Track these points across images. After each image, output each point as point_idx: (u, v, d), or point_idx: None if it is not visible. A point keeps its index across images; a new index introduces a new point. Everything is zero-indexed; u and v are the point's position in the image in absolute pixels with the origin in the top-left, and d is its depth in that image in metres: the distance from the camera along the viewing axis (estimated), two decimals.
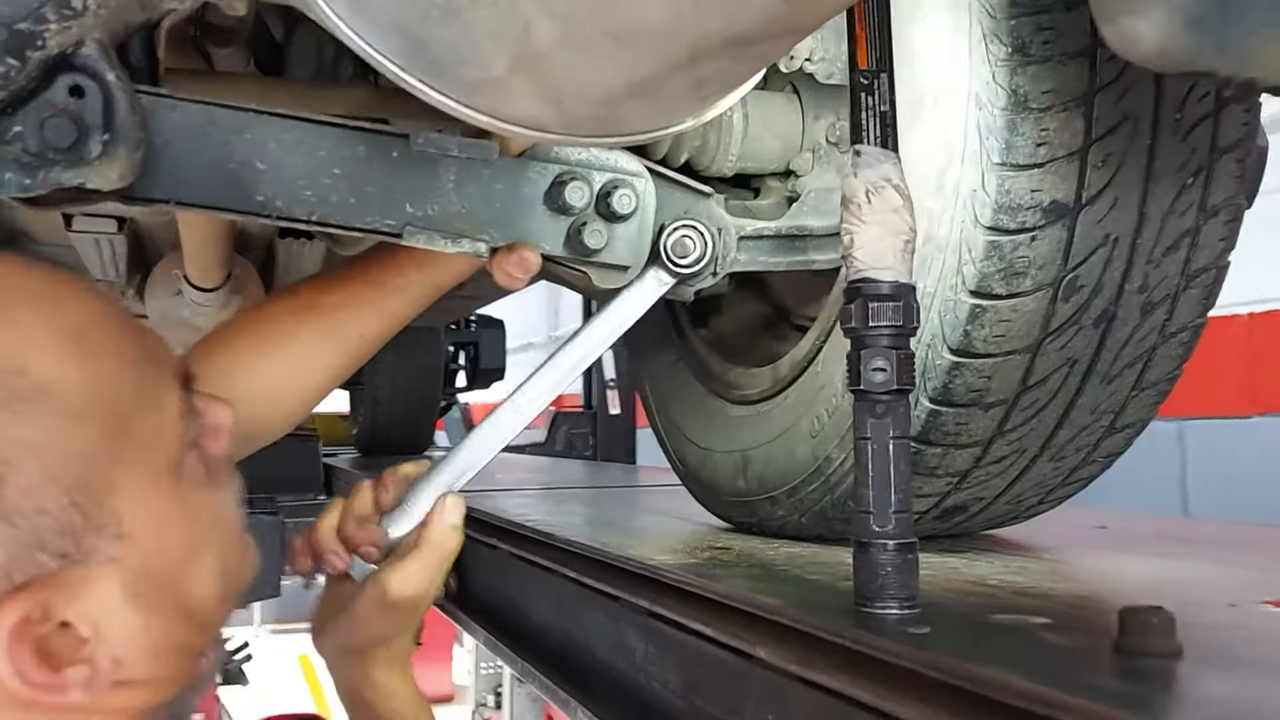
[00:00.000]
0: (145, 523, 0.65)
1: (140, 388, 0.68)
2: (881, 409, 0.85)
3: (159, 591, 0.66)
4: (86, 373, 0.64)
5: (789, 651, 0.86)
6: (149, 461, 0.67)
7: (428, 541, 0.94)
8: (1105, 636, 0.71)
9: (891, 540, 0.83)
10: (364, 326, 1.09)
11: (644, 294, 1.16)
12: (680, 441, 1.63)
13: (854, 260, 0.86)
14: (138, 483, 0.65)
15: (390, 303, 1.09)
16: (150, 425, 0.67)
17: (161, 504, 0.67)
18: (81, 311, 0.68)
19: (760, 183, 1.48)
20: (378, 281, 1.09)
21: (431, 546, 0.94)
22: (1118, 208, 1.01)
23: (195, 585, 0.69)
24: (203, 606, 0.70)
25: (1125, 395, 1.15)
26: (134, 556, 0.65)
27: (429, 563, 0.94)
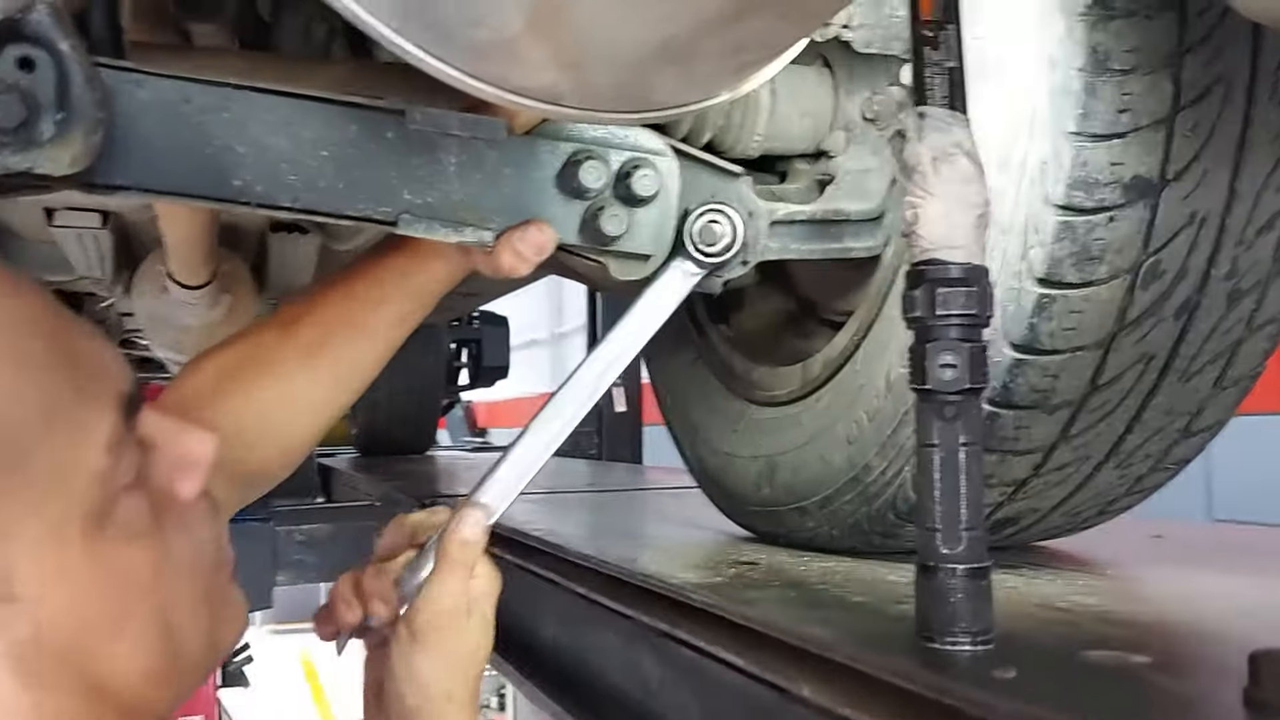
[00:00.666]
0: (43, 582, 0.52)
1: (48, 408, 0.53)
2: (951, 411, 0.73)
3: (58, 667, 0.53)
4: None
5: (840, 693, 0.75)
6: (53, 505, 0.52)
7: (440, 558, 0.83)
8: (1228, 681, 0.59)
9: (962, 564, 0.72)
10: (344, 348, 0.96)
11: (670, 291, 1.04)
12: (699, 445, 1.51)
13: (919, 239, 0.74)
14: (34, 531, 0.52)
15: (369, 318, 0.97)
16: (58, 458, 0.53)
17: (69, 559, 0.53)
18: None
19: (787, 165, 1.36)
20: (356, 294, 0.97)
21: (445, 563, 0.83)
22: (1206, 183, 0.90)
23: (116, 662, 0.55)
24: (128, 688, 0.56)
25: (1204, 395, 1.04)
26: (23, 623, 0.51)
27: (444, 581, 0.82)
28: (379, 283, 0.97)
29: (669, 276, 1.03)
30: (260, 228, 2.47)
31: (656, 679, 1.12)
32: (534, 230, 0.93)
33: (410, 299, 0.98)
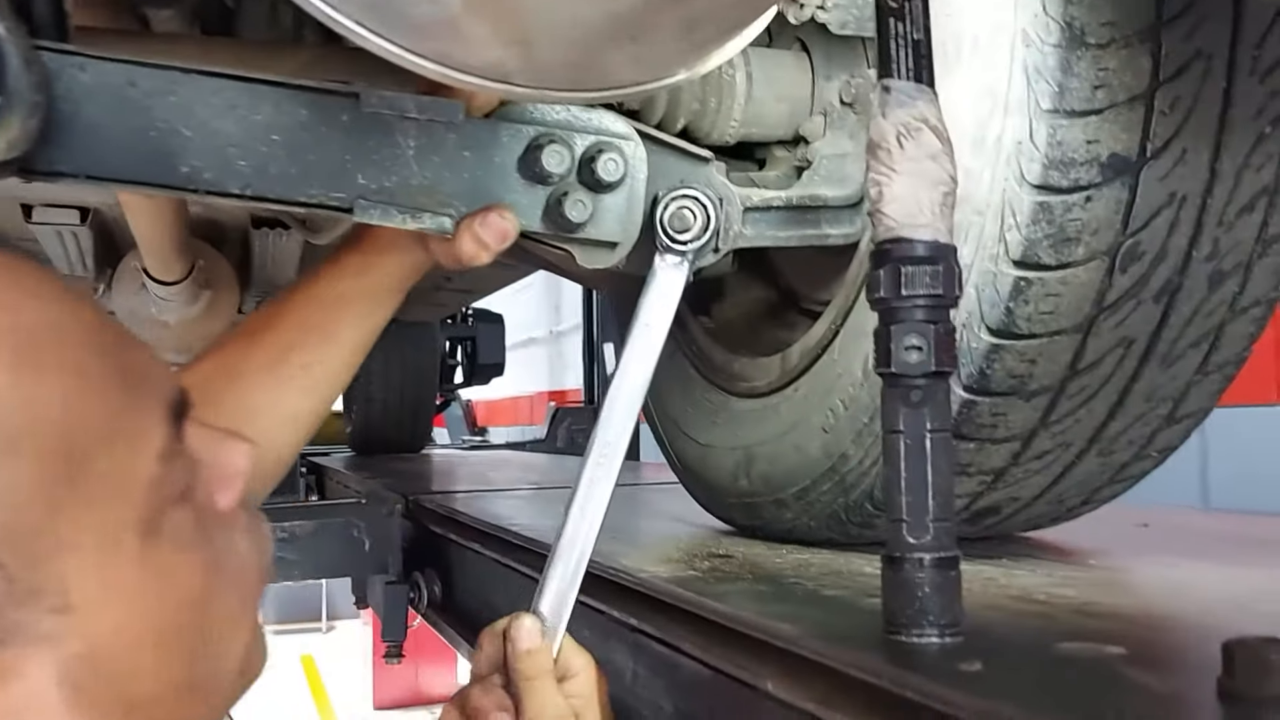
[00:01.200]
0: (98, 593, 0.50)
1: (106, 417, 0.51)
2: (917, 396, 0.70)
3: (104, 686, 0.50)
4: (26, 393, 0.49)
5: (805, 688, 0.72)
6: (110, 515, 0.51)
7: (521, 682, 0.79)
8: (1204, 673, 0.57)
9: (929, 554, 0.69)
10: (309, 354, 0.93)
11: (664, 295, 1.01)
12: (678, 438, 1.49)
13: (883, 217, 0.72)
14: (92, 542, 0.50)
15: (329, 321, 0.94)
16: (116, 467, 0.51)
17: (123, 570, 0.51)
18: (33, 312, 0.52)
19: (766, 153, 1.34)
20: (313, 296, 0.94)
21: (523, 684, 0.79)
22: (1186, 162, 0.87)
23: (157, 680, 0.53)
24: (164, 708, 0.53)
25: (1187, 380, 1.01)
26: (78, 637, 0.49)
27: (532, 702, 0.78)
28: (336, 283, 0.94)
29: (660, 279, 1.00)
30: (243, 225, 2.45)
31: (630, 674, 1.10)
32: (495, 216, 0.90)
33: (369, 298, 0.95)
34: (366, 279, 0.94)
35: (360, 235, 0.95)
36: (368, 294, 0.95)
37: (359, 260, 0.94)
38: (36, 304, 0.52)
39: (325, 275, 0.95)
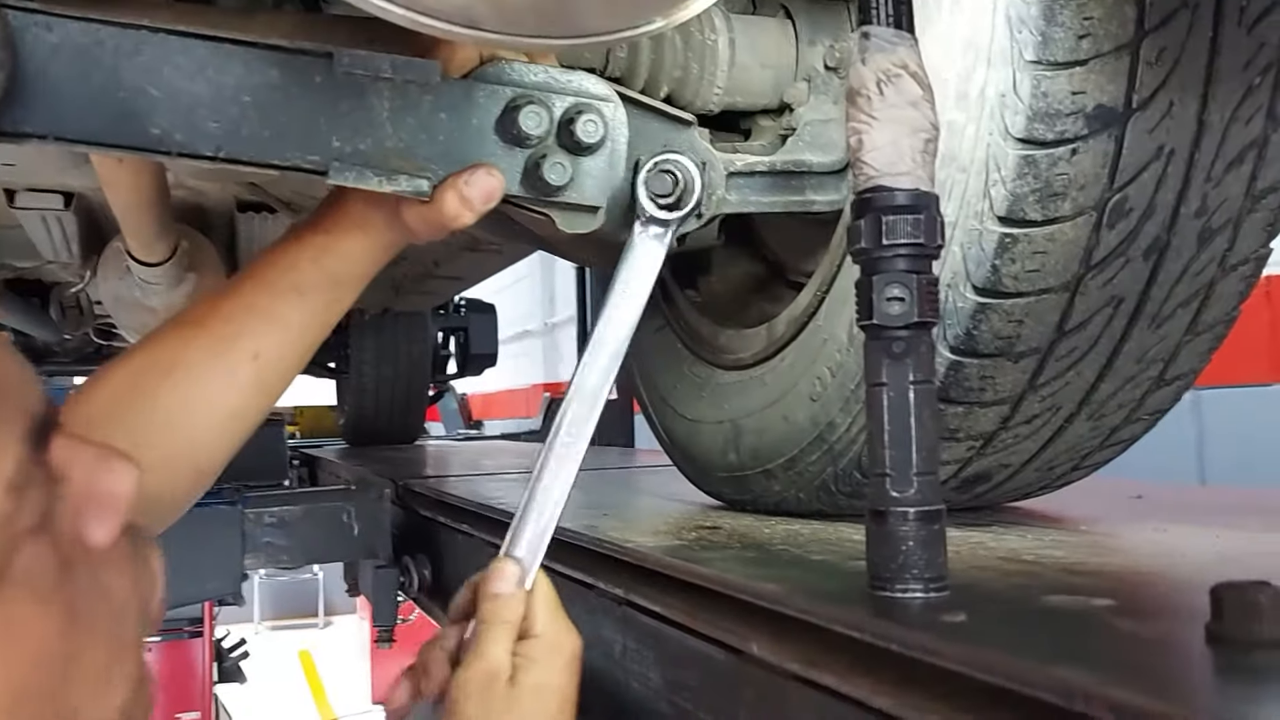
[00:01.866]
0: None
1: None
2: (899, 348, 0.69)
3: None
4: None
5: (789, 647, 0.71)
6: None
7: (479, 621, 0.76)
8: (1193, 620, 0.55)
9: (914, 508, 0.68)
10: (258, 343, 0.85)
11: (643, 264, 0.99)
12: (666, 414, 1.47)
13: (864, 166, 0.70)
14: None
15: (285, 309, 0.86)
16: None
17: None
18: None
19: (750, 122, 1.32)
20: (268, 283, 0.87)
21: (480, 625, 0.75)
22: (1173, 114, 0.85)
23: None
24: None
25: (1177, 340, 0.99)
26: None
27: (477, 645, 0.74)
28: (293, 268, 0.87)
29: (639, 249, 0.99)
30: (228, 209, 2.43)
31: (619, 647, 1.08)
32: (482, 174, 0.86)
33: (329, 285, 0.88)
34: (327, 263, 0.87)
35: (322, 215, 0.89)
36: (329, 281, 0.88)
37: (320, 241, 0.87)
38: None
39: (281, 258, 0.88)
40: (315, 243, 0.88)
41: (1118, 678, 0.48)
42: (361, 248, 0.88)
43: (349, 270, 0.89)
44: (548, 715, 0.73)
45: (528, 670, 0.73)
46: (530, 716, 0.72)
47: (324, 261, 0.87)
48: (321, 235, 0.88)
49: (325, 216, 0.89)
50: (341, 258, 0.88)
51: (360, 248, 0.88)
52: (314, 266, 0.87)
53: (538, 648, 0.75)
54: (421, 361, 4.55)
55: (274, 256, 0.88)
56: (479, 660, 0.73)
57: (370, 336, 4.32)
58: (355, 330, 4.33)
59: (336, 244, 0.88)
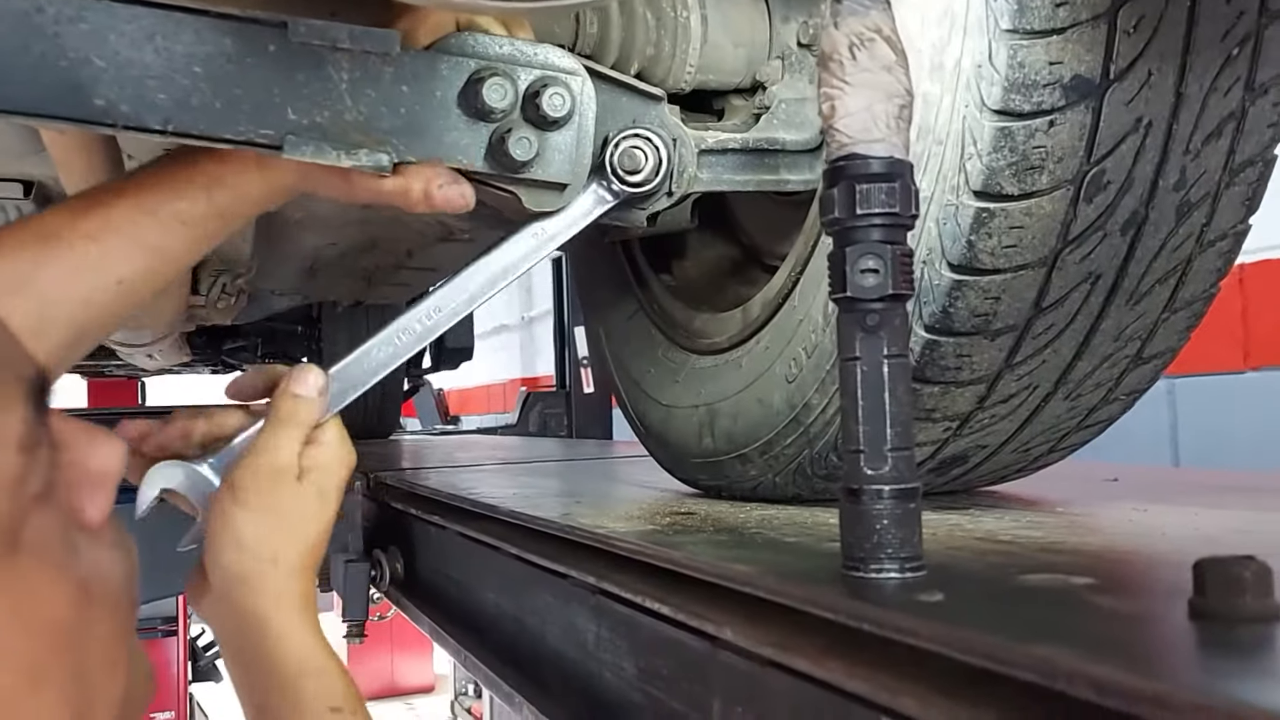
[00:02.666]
0: None
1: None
2: (873, 320, 0.67)
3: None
4: None
5: (762, 631, 0.69)
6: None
7: (270, 413, 0.75)
8: (1174, 597, 0.54)
9: (888, 485, 0.66)
10: (124, 269, 0.80)
11: (581, 208, 0.98)
12: (640, 400, 1.45)
13: (836, 133, 0.68)
14: None
15: (161, 238, 0.81)
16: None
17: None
18: None
19: (724, 102, 1.30)
20: (148, 209, 0.81)
21: (274, 418, 0.75)
22: (1151, 85, 0.84)
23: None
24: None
25: (1155, 317, 0.98)
26: None
27: (270, 437, 0.75)
28: (180, 197, 0.82)
29: (582, 197, 0.97)
30: None
31: (592, 637, 1.06)
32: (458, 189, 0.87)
33: (215, 218, 0.83)
34: (218, 197, 0.83)
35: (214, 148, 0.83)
36: (215, 213, 0.83)
37: (215, 172, 0.82)
38: None
39: (168, 182, 0.82)
40: (209, 172, 0.83)
41: (1099, 655, 0.46)
42: (258, 187, 0.84)
43: (239, 208, 0.85)
44: (322, 520, 0.75)
45: (313, 473, 0.75)
46: (309, 517, 0.75)
47: (215, 194, 0.83)
48: (216, 165, 0.83)
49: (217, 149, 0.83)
50: (234, 193, 0.84)
51: (256, 187, 0.84)
52: (204, 197, 0.82)
53: (325, 455, 0.77)
54: None
55: (157, 180, 0.82)
56: (272, 453, 0.74)
57: (343, 329, 4.26)
58: (328, 323, 4.27)
59: (233, 178, 0.83)
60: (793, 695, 0.66)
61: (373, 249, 2.98)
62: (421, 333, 0.92)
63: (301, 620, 0.74)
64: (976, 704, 0.51)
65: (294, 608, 0.74)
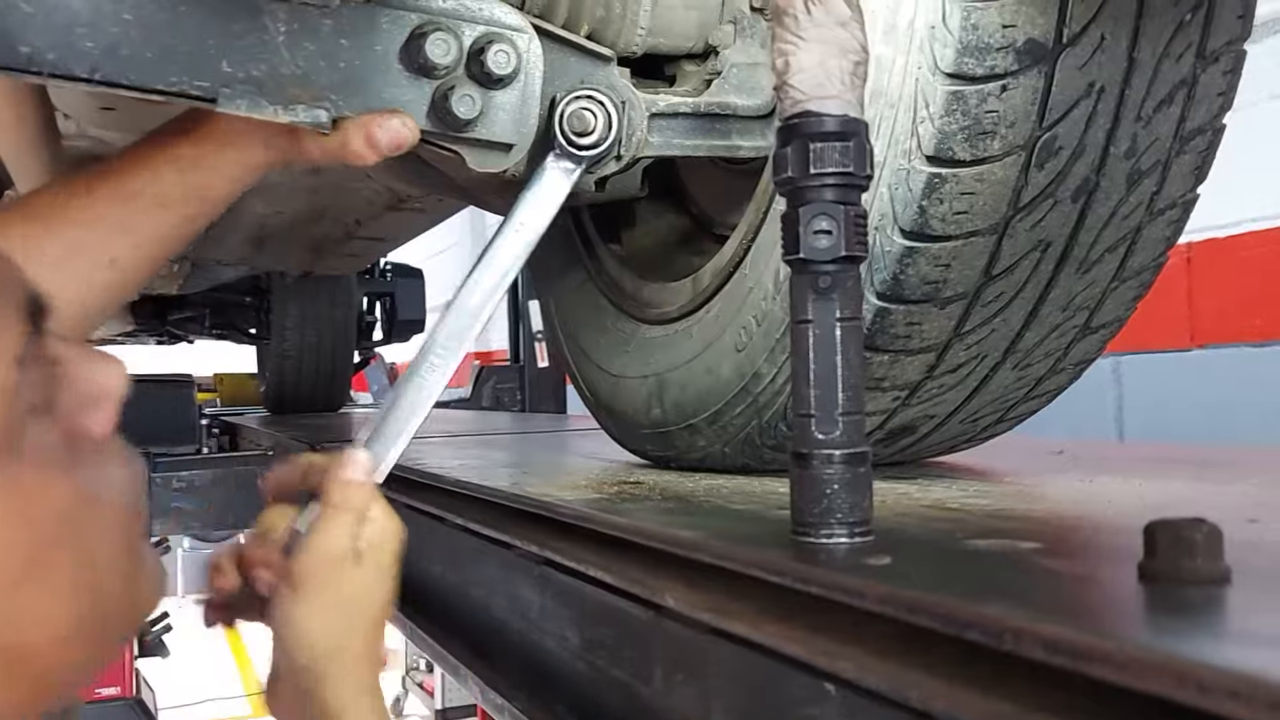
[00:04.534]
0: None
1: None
2: (825, 283, 0.66)
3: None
4: None
5: (702, 596, 0.67)
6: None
7: (323, 503, 0.74)
8: (1123, 561, 0.53)
9: (838, 450, 0.65)
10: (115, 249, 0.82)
11: (547, 196, 0.95)
12: (590, 370, 1.43)
13: (790, 90, 0.66)
14: None
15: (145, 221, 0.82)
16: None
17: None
18: None
19: (675, 67, 1.27)
20: (131, 193, 0.82)
21: (327, 507, 0.74)
22: (1104, 50, 0.83)
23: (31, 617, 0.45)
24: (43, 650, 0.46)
25: (1104, 286, 0.98)
26: None
27: (325, 526, 0.73)
28: (156, 180, 0.82)
29: (545, 179, 0.94)
30: None
31: (536, 607, 1.05)
32: (397, 121, 0.83)
33: (195, 199, 0.83)
34: (194, 178, 0.83)
35: (191, 124, 0.84)
36: (193, 194, 0.83)
37: (188, 154, 0.82)
38: None
39: (144, 167, 0.82)
40: (182, 154, 0.82)
41: (1048, 615, 0.45)
42: (232, 164, 0.84)
43: (217, 187, 0.84)
44: (383, 598, 0.75)
45: (369, 553, 0.74)
46: (371, 599, 0.74)
47: (190, 176, 0.82)
48: (190, 146, 0.82)
49: (196, 126, 0.83)
50: (210, 172, 0.83)
51: (231, 164, 0.83)
52: (179, 179, 0.82)
53: (378, 532, 0.75)
54: (346, 327, 4.44)
55: (134, 163, 0.83)
56: (329, 543, 0.73)
57: (292, 301, 4.19)
58: (277, 294, 4.20)
59: (206, 158, 0.83)
60: (729, 661, 0.65)
61: (321, 218, 2.92)
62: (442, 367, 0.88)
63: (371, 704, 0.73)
64: (916, 666, 0.50)
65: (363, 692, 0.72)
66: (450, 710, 6.60)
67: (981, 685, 0.45)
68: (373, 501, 0.76)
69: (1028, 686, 0.43)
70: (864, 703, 0.51)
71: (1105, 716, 0.41)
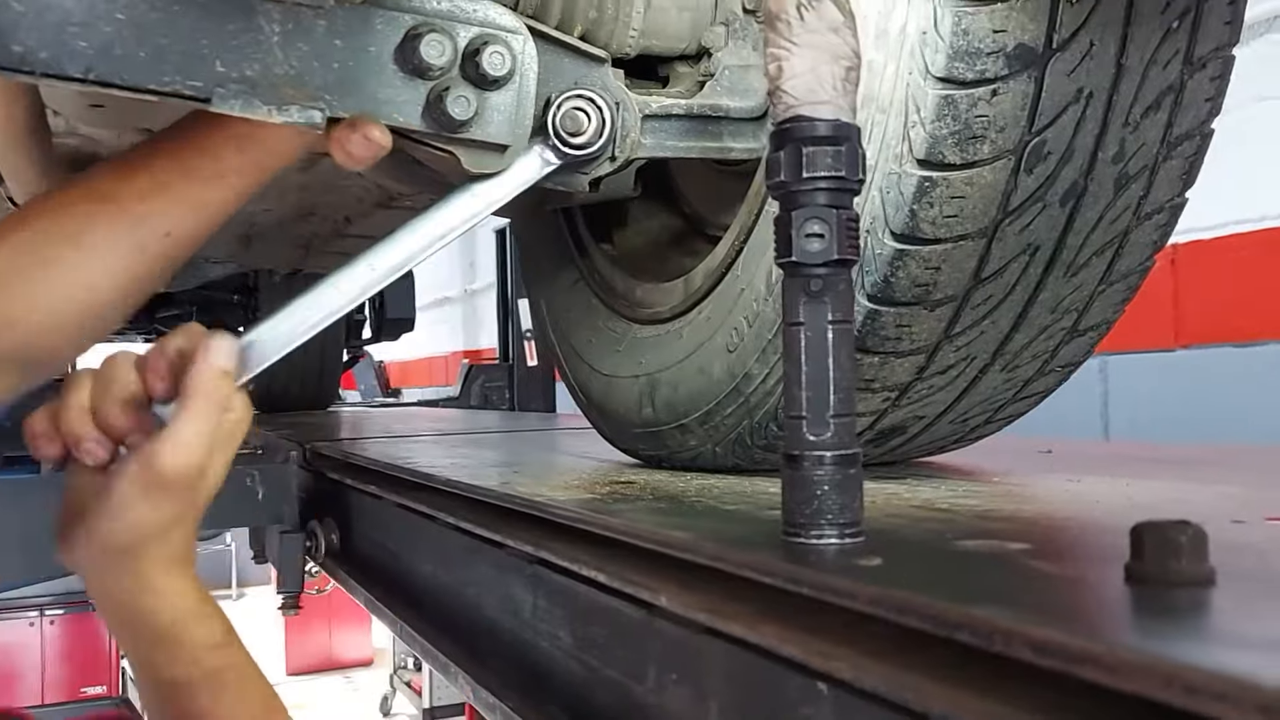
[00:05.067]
0: None
1: None
2: (818, 285, 0.66)
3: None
4: None
5: (698, 597, 0.68)
6: None
7: (192, 393, 0.72)
8: (1110, 562, 0.54)
9: (830, 451, 0.65)
10: (173, 223, 0.84)
11: (523, 170, 0.95)
12: (582, 370, 1.44)
13: (783, 95, 0.67)
14: None
15: (205, 194, 0.85)
16: None
17: None
18: None
19: (668, 69, 1.28)
20: (191, 169, 0.85)
21: (198, 398, 0.72)
22: (1093, 55, 0.84)
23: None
24: None
25: (1091, 290, 0.99)
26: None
27: (198, 419, 0.72)
28: (216, 157, 0.84)
29: (525, 159, 0.95)
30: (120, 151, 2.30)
31: (529, 607, 1.05)
32: (359, 137, 0.84)
33: (253, 170, 0.86)
34: (252, 152, 0.85)
35: None
36: (251, 166, 0.86)
37: (243, 130, 0.84)
38: None
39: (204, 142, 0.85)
40: (238, 130, 0.84)
41: (1037, 617, 0.45)
42: (288, 141, 0.86)
43: (272, 160, 0.86)
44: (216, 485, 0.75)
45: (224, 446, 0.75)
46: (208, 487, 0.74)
47: (249, 150, 0.85)
48: (243, 123, 0.84)
49: None
50: (266, 147, 0.85)
51: (287, 140, 0.86)
52: (238, 155, 0.85)
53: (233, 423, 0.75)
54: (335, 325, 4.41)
55: (193, 139, 0.85)
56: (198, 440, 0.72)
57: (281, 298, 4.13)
58: (265, 291, 4.18)
59: (261, 133, 0.85)
60: (725, 660, 0.66)
61: (310, 216, 2.91)
62: (353, 292, 0.88)
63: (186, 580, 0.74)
64: (910, 667, 0.51)
65: (185, 572, 0.74)
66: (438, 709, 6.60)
67: (977, 686, 0.45)
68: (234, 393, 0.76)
69: (1022, 688, 0.44)
70: (860, 703, 0.51)
71: (1097, 717, 0.41)
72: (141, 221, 0.83)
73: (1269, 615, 0.47)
